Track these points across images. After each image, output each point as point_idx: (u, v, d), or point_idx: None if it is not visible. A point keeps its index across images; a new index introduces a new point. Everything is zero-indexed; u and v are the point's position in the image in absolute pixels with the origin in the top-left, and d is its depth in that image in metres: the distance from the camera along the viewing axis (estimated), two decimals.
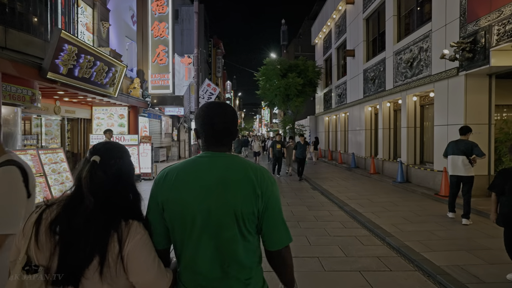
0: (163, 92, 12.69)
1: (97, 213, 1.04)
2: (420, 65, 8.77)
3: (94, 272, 1.01)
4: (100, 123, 11.45)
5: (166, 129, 19.86)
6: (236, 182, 1.15)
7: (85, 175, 1.07)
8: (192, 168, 1.18)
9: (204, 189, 1.14)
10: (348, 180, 11.05)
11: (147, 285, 1.10)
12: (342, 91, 16.56)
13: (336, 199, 7.95)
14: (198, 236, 1.14)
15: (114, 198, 1.10)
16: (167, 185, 1.16)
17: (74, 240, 1.02)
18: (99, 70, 8.01)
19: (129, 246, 1.04)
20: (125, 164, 1.19)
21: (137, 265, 1.06)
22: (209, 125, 1.21)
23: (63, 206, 1.07)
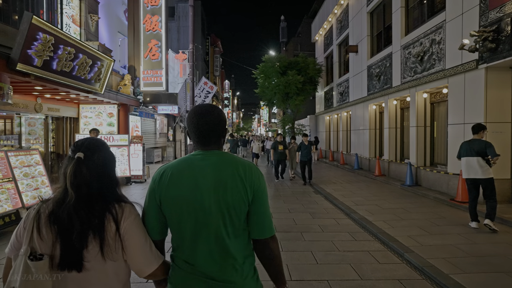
0: (155, 90, 11.97)
1: (80, 206, 1.15)
2: (432, 59, 8.09)
3: (95, 254, 1.13)
4: (88, 122, 10.73)
5: (161, 128, 19.13)
6: (227, 178, 1.25)
7: (70, 171, 1.16)
8: (186, 166, 1.29)
9: (197, 185, 1.24)
10: (353, 183, 10.37)
11: (140, 263, 1.20)
12: (344, 89, 15.88)
13: (342, 204, 7.26)
14: (194, 229, 1.24)
15: (98, 189, 1.20)
16: (164, 182, 1.27)
17: (66, 230, 1.13)
18: (82, 64, 7.30)
19: (125, 224, 1.18)
20: (106, 158, 1.27)
21: (133, 242, 1.18)
22: (195, 126, 1.31)
23: (56, 200, 1.18)
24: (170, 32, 28.23)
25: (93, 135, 7.97)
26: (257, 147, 15.19)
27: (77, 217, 1.13)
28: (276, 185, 10.24)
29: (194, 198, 1.23)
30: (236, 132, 62.43)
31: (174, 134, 21.09)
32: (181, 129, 21.66)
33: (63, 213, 1.13)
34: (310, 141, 10.23)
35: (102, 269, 1.15)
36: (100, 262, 1.14)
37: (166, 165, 1.33)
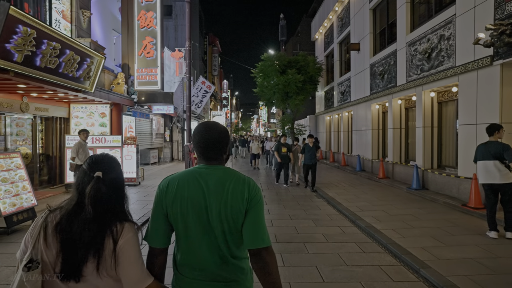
0: (150, 89, 11.51)
1: (93, 222, 1.20)
2: (441, 55, 7.66)
3: (92, 268, 1.18)
4: (79, 123, 10.25)
5: (158, 129, 18.66)
6: (227, 191, 1.35)
7: (90, 189, 1.22)
8: (191, 177, 1.38)
9: (201, 196, 1.34)
10: (356, 186, 9.93)
11: (131, 278, 1.21)
12: (346, 89, 15.45)
13: (346, 210, 6.82)
14: (199, 236, 1.33)
15: (111, 205, 1.27)
16: (171, 192, 1.36)
17: (73, 242, 1.17)
18: (69, 60, 6.83)
19: (121, 241, 1.21)
20: (120, 175, 1.36)
21: (126, 259, 1.21)
22: (198, 142, 1.44)
23: (66, 212, 1.23)
24: (167, 31, 27.80)
25: (83, 137, 7.52)
26: (256, 147, 14.66)
27: (89, 231, 1.19)
28: (276, 189, 9.80)
29: (199, 207, 1.33)
30: (235, 132, 61.98)
31: (171, 134, 20.62)
32: (178, 129, 21.20)
33: (75, 226, 1.19)
34: (315, 142, 9.58)
35: (99, 282, 1.20)
36: (95, 277, 1.19)
37: (173, 175, 1.43)
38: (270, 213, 6.84)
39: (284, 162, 10.07)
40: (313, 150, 9.22)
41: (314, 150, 9.22)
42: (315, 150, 9.24)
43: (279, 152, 10.08)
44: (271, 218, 6.42)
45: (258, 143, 15.08)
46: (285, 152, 9.99)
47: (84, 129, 7.64)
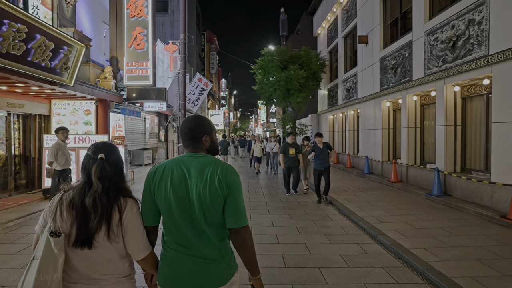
0: (141, 84, 10.53)
1: (103, 195, 1.44)
2: (469, 43, 6.71)
3: (103, 235, 1.41)
4: (61, 121, 9.26)
5: (152, 128, 17.67)
6: (207, 176, 1.50)
7: (96, 168, 1.46)
8: (175, 164, 1.56)
9: (184, 180, 1.51)
10: (367, 191, 8.98)
11: (134, 249, 1.48)
12: (351, 85, 14.50)
13: (362, 221, 5.87)
14: (181, 216, 1.49)
15: (115, 181, 1.51)
16: (157, 177, 1.53)
17: (85, 214, 1.41)
18: (39, 47, 5.85)
19: (127, 216, 1.46)
20: (119, 157, 1.61)
21: (131, 231, 1.46)
22: (182, 134, 1.64)
23: (78, 191, 1.46)
24: (163, 27, 26.80)
25: (62, 137, 6.49)
26: (258, 149, 13.28)
27: (101, 203, 1.42)
28: (280, 195, 8.83)
29: (180, 191, 1.50)
30: (233, 132, 61.04)
31: (166, 134, 19.64)
32: (173, 128, 20.21)
33: (87, 200, 1.42)
34: (326, 142, 7.78)
35: (107, 248, 1.44)
36: (107, 242, 1.43)
37: (161, 162, 1.62)
38: (275, 225, 5.88)
39: (293, 166, 8.48)
40: (324, 152, 7.58)
41: (326, 152, 7.59)
42: (327, 151, 7.60)
43: (285, 155, 8.44)
44: (276, 232, 5.45)
45: (261, 144, 13.68)
46: (293, 154, 8.40)
47: (63, 127, 6.61)
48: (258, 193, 9.04)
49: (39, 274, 1.27)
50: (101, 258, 1.43)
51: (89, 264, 1.42)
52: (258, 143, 13.54)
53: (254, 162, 13.64)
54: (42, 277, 1.28)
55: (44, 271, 1.29)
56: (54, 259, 1.32)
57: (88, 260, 1.42)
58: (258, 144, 13.49)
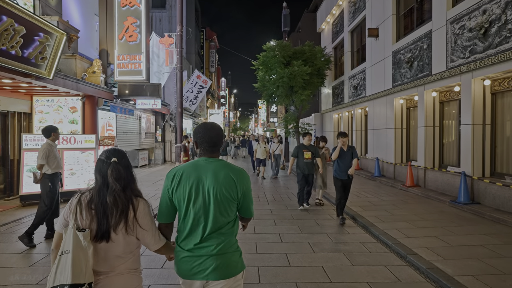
0: (133, 79, 9.66)
1: (121, 193, 1.63)
2: (506, 29, 5.85)
3: (120, 229, 1.60)
4: (44, 119, 8.40)
5: (148, 127, 16.81)
6: (224, 177, 1.73)
7: (111, 170, 1.63)
8: (193, 168, 1.75)
9: (201, 181, 1.72)
10: (381, 197, 8.12)
11: (150, 242, 1.71)
12: (359, 82, 13.64)
13: (385, 235, 5.01)
14: (196, 214, 1.71)
15: (127, 182, 1.68)
16: (176, 180, 1.73)
17: (104, 212, 1.59)
18: (6, 31, 4.98)
19: (140, 214, 1.66)
20: (128, 162, 1.77)
21: (145, 227, 1.67)
22: (205, 140, 1.80)
23: (96, 192, 1.63)
24: (161, 23, 25.93)
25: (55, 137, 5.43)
26: (262, 150, 11.78)
27: (121, 200, 1.62)
28: (286, 202, 7.98)
29: (198, 192, 1.71)
30: (233, 132, 60.13)
31: (163, 134, 18.77)
32: (171, 128, 19.33)
33: (110, 199, 1.60)
34: (352, 146, 6.03)
35: (121, 240, 1.62)
36: (121, 236, 1.61)
37: (178, 167, 1.80)
38: (283, 240, 5.02)
39: (309, 173, 6.76)
40: (348, 158, 5.83)
41: (349, 157, 5.84)
42: (350, 157, 5.84)
43: (299, 159, 6.77)
44: (285, 250, 4.59)
45: (264, 145, 12.06)
46: (309, 158, 6.63)
47: (53, 126, 5.57)
48: (262, 199, 8.18)
49: (74, 265, 1.45)
50: (117, 250, 1.62)
51: (102, 256, 1.60)
52: (262, 144, 11.95)
53: (256, 165, 12.19)
54: (77, 267, 1.46)
55: (78, 262, 1.47)
56: (84, 250, 1.51)
57: (105, 252, 1.60)
58: (262, 145, 11.94)
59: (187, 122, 20.89)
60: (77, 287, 1.42)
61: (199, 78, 18.52)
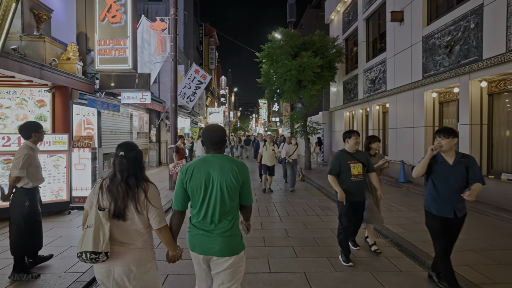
0: (117, 68, 8.10)
1: (123, 183, 1.99)
2: None
3: (132, 210, 1.98)
4: (4, 115, 6.85)
5: (140, 126, 15.24)
6: (228, 169, 2.08)
7: (117, 163, 2.02)
8: (203, 163, 2.12)
9: (210, 173, 2.08)
10: (419, 211, 6.55)
11: (155, 219, 2.02)
12: (377, 75, 12.08)
13: (462, 281, 3.45)
14: (208, 200, 2.07)
15: (133, 172, 2.03)
16: (189, 173, 2.09)
17: (118, 195, 1.97)
18: None
19: (150, 195, 2.02)
20: (137, 154, 2.09)
21: (153, 206, 2.02)
22: (211, 140, 2.18)
23: (110, 179, 2.03)
24: (157, 16, 24.38)
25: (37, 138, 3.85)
26: (270, 155, 8.88)
27: (121, 189, 1.98)
28: (307, 222, 6.42)
29: (207, 182, 2.07)
30: (233, 132, 58.50)
31: (158, 133, 17.20)
32: (167, 127, 17.75)
33: (114, 187, 1.99)
34: (467, 155, 3.22)
35: (135, 219, 1.99)
36: (134, 215, 1.98)
37: (190, 162, 2.15)
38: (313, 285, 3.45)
39: (361, 199, 4.07)
40: (457, 176, 3.15)
41: (460, 177, 3.14)
42: (463, 177, 3.14)
43: (343, 178, 3.98)
44: None
45: (273, 147, 9.07)
46: (359, 174, 3.96)
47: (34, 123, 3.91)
48: (272, 212, 6.62)
49: (94, 237, 1.86)
50: (131, 228, 2.00)
51: (122, 232, 1.99)
52: (270, 146, 8.99)
53: (263, 174, 9.14)
54: (97, 239, 1.87)
55: (97, 235, 1.88)
56: (103, 225, 1.90)
57: (122, 229, 1.99)
58: (270, 147, 8.97)
59: (185, 121, 19.33)
60: (96, 254, 1.86)
61: (198, 72, 16.92)
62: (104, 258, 1.87)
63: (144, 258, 2.00)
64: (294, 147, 9.33)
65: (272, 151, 9.06)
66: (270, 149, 9.06)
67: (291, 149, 9.34)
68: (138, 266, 1.96)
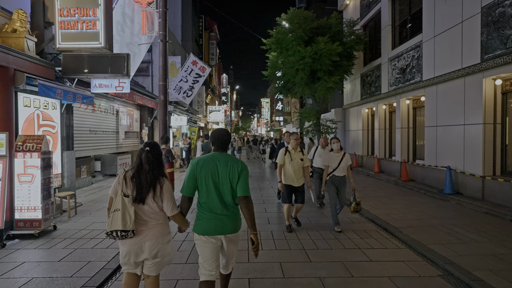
0: (85, 46, 6.15)
1: (150, 173, 2.42)
2: None
3: (150, 197, 2.40)
4: None
5: (130, 125, 13.28)
6: (231, 165, 2.50)
7: (144, 155, 2.44)
8: (211, 158, 2.53)
9: (216, 167, 2.49)
10: (495, 237, 4.54)
11: (168, 208, 2.45)
12: (409, 63, 10.09)
13: None
14: (213, 189, 2.47)
15: (156, 165, 2.47)
16: (199, 165, 2.50)
17: (140, 183, 2.39)
18: None
19: (164, 188, 2.44)
20: (159, 151, 2.55)
21: (167, 198, 2.44)
22: (219, 141, 2.60)
23: (135, 169, 2.43)
24: None
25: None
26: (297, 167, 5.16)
27: (148, 177, 2.40)
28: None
29: (214, 174, 2.48)
30: (234, 132, 56.53)
31: (152, 133, 15.23)
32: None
33: (141, 175, 2.40)
34: None
35: (153, 204, 2.41)
36: (152, 202, 2.40)
37: (200, 157, 2.56)
38: None
39: None
40: None
41: None
42: None
43: None
44: None
45: (301, 154, 5.24)
46: None
47: None
48: None
49: (123, 218, 2.29)
50: (149, 210, 2.42)
51: (143, 213, 2.42)
52: (296, 152, 5.20)
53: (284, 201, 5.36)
54: (125, 219, 2.29)
55: (123, 215, 2.30)
56: (128, 209, 2.32)
57: (143, 211, 2.42)
58: (297, 155, 5.18)
59: (182, 119, 17.35)
60: (125, 232, 2.29)
61: (195, 64, 14.91)
62: (131, 235, 2.32)
63: (164, 231, 2.49)
64: (337, 154, 5.37)
65: (301, 161, 5.19)
66: (297, 158, 5.18)
67: (334, 158, 5.36)
68: (161, 238, 2.46)
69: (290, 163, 5.17)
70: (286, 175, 5.24)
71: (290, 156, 5.20)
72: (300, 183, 5.23)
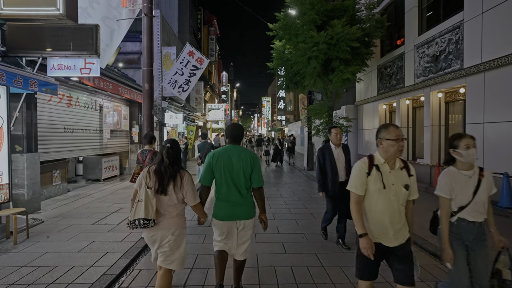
0: (38, 13, 4.60)
1: (170, 166, 2.64)
2: None
3: (172, 188, 2.61)
4: None
5: (117, 122, 11.69)
6: (244, 156, 2.85)
7: (166, 151, 2.64)
8: (225, 151, 2.88)
9: (231, 158, 2.84)
10: None
11: (190, 198, 2.69)
12: (445, 48, 8.50)
13: None
14: (229, 179, 2.83)
15: (175, 160, 2.68)
16: (215, 158, 2.85)
17: (162, 176, 2.61)
18: None
19: (185, 180, 2.65)
20: (178, 147, 2.75)
21: (188, 189, 2.65)
22: (233, 134, 2.97)
23: (158, 164, 2.65)
24: None
25: None
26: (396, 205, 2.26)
27: (169, 171, 2.62)
28: None
29: (229, 166, 2.83)
30: None
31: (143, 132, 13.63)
32: (154, 124, 14.16)
33: (163, 168, 2.62)
34: None
35: (173, 195, 2.62)
36: (173, 193, 2.61)
37: (215, 150, 2.92)
38: None
39: None
40: None
41: None
42: None
43: None
44: None
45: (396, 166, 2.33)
46: None
47: None
48: None
49: (145, 208, 2.49)
50: (169, 202, 2.64)
51: (162, 205, 2.63)
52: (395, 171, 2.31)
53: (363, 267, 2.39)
54: (147, 209, 2.49)
55: (146, 205, 2.50)
56: (151, 200, 2.54)
57: (163, 203, 2.63)
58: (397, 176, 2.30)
59: (177, 117, 15.75)
60: (148, 220, 2.50)
61: (192, 55, 13.33)
62: (152, 224, 2.55)
63: (178, 224, 2.69)
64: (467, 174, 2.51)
65: (405, 190, 2.34)
66: (397, 182, 2.29)
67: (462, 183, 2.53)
68: (174, 229, 2.65)
69: (381, 195, 2.31)
70: (370, 219, 2.36)
71: (380, 177, 2.31)
72: (399, 239, 2.32)
